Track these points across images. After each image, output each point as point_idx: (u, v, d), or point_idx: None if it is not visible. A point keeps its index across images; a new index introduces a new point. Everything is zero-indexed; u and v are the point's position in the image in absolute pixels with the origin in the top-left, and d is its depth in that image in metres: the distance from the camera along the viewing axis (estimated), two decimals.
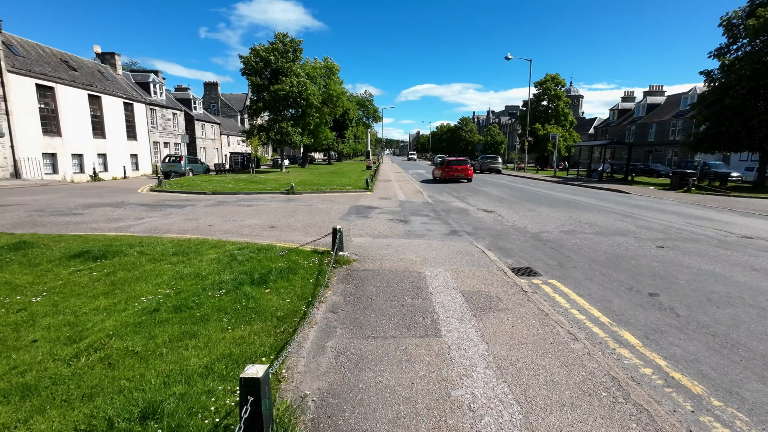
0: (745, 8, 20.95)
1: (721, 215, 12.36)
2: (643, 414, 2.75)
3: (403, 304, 4.66)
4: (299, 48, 34.04)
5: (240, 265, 5.85)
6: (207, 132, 46.20)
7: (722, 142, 21.96)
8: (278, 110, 33.80)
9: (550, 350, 3.62)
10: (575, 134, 46.37)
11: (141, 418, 2.54)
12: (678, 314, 4.67)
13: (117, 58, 34.02)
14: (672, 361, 3.64)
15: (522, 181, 28.25)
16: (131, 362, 3.24)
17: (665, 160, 40.36)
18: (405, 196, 17.02)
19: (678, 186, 21.31)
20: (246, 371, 2.23)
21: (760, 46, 20.05)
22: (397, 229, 9.38)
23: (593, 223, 10.50)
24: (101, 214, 11.48)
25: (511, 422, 2.64)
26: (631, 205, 14.52)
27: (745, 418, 2.87)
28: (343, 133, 59.49)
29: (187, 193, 17.47)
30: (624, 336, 4.14)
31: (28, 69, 22.55)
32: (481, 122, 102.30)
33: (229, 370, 3.09)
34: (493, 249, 7.64)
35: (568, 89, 58.71)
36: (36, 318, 4.11)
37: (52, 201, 14.25)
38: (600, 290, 5.49)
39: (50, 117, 24.04)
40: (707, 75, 22.40)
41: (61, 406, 2.70)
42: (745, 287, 5.57)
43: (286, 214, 11.49)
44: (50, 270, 5.68)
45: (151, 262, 6.07)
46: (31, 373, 3.08)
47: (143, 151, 33.29)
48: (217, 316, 4.09)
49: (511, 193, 18.56)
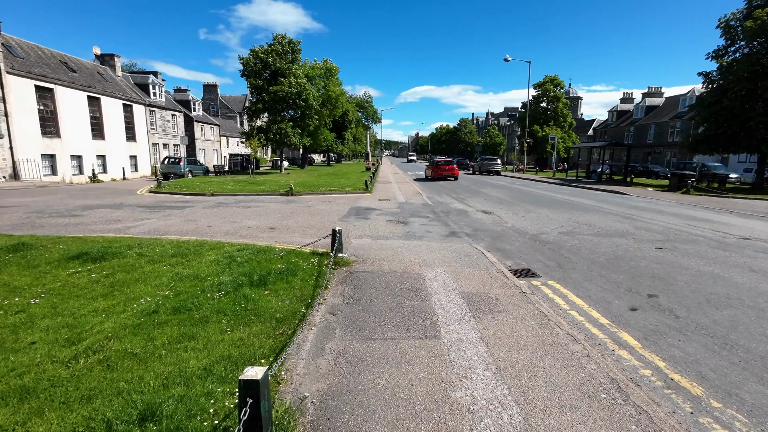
0: (743, 10, 21.05)
1: (720, 216, 12.39)
2: (643, 415, 2.75)
3: (402, 305, 4.66)
4: (298, 49, 34.10)
5: (239, 266, 5.84)
6: (206, 133, 46.21)
7: (721, 143, 22.02)
8: (277, 111, 33.82)
9: (549, 352, 3.62)
10: (574, 136, 46.46)
11: (140, 420, 2.53)
12: (677, 315, 4.67)
13: (116, 59, 34.03)
14: (671, 363, 3.64)
15: (521, 182, 28.28)
16: (130, 364, 3.23)
17: (664, 162, 40.44)
18: (404, 197, 17.03)
19: (677, 187, 21.36)
20: (245, 373, 2.22)
21: (757, 48, 20.13)
22: (396, 230, 9.38)
23: (592, 225, 10.52)
24: (100, 215, 11.47)
25: (510, 424, 2.64)
26: (630, 207, 14.54)
27: (745, 420, 2.87)
28: (343, 135, 59.54)
29: (187, 194, 17.46)
30: (623, 337, 4.14)
31: (28, 70, 22.55)
32: (480, 124, 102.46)
33: (228, 372, 3.09)
34: (493, 250, 7.64)
35: (567, 91, 58.82)
36: (35, 320, 4.10)
37: (51, 202, 14.23)
38: (599, 291, 5.49)
39: (49, 118, 24.03)
40: (705, 76, 22.47)
41: (60, 408, 2.69)
42: (744, 288, 5.58)
43: (285, 216, 11.48)
44: (49, 271, 5.67)
45: (150, 263, 6.06)
46: (29, 375, 3.08)
47: (142, 152, 33.27)
48: (216, 318, 4.08)
49: (510, 195, 18.58)
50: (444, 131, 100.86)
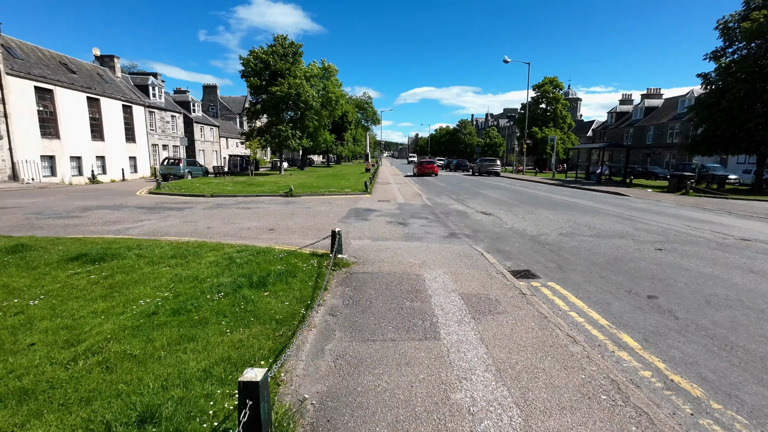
0: (741, 12, 21.11)
1: (719, 218, 12.40)
2: (643, 417, 2.74)
3: (402, 306, 4.65)
4: (299, 51, 34.06)
5: (239, 267, 5.83)
6: (206, 134, 46.21)
7: (719, 144, 22.05)
8: (277, 112, 33.83)
9: (549, 353, 3.61)
10: (573, 137, 46.53)
11: (139, 422, 2.52)
12: (677, 317, 4.67)
13: (116, 60, 34.04)
14: (671, 364, 3.64)
15: (520, 183, 28.30)
16: (129, 366, 3.22)
17: (663, 163, 40.50)
18: (404, 198, 17.03)
19: (676, 188, 21.39)
20: (245, 375, 2.22)
21: (755, 50, 20.19)
22: (396, 231, 9.38)
23: (592, 226, 10.52)
24: (99, 216, 11.45)
25: (510, 426, 2.63)
26: (629, 208, 14.55)
27: (745, 421, 2.87)
28: (342, 136, 59.56)
29: (186, 195, 17.44)
30: (623, 338, 4.14)
31: (27, 71, 22.54)
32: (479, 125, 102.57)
33: (228, 374, 3.08)
34: (492, 252, 7.65)
35: (566, 92, 58.94)
36: (33, 321, 4.09)
37: (50, 203, 14.22)
38: (599, 293, 5.49)
39: (49, 119, 24.02)
40: (704, 78, 22.52)
41: (59, 410, 2.68)
42: (744, 290, 5.58)
43: (284, 217, 11.48)
44: (48, 273, 5.66)
45: (150, 265, 6.05)
46: (28, 377, 3.07)
47: (142, 153, 33.26)
48: (215, 320, 4.08)
49: (509, 196, 18.59)
50: (443, 132, 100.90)
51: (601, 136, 53.06)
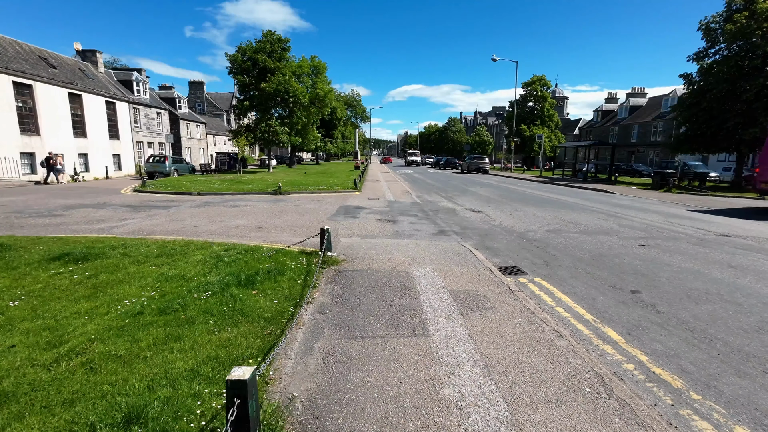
0: (723, 13, 21.62)
1: (700, 214, 12.72)
2: (626, 408, 2.81)
3: (391, 303, 4.67)
4: (287, 47, 33.78)
5: (226, 266, 5.78)
6: (192, 131, 45.49)
7: (701, 143, 22.61)
8: (266, 109, 33.48)
9: (535, 348, 3.67)
10: (560, 135, 47.16)
11: (124, 423, 2.49)
12: (659, 311, 4.79)
13: (98, 55, 33.22)
14: (653, 357, 3.73)
15: (509, 181, 28.59)
16: (114, 366, 3.17)
17: (647, 161, 41.33)
18: (393, 196, 17.05)
19: (659, 186, 21.86)
20: (232, 373, 2.20)
21: (736, 51, 20.69)
22: (385, 229, 9.39)
23: (578, 223, 10.69)
24: (82, 215, 11.20)
25: (497, 419, 2.67)
26: (614, 205, 14.83)
27: (722, 411, 2.96)
28: (332, 133, 59.26)
29: (172, 193, 17.17)
30: (607, 333, 4.23)
31: (5, 66, 21.85)
32: (468, 123, 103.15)
33: (216, 373, 3.06)
34: (481, 248, 7.72)
35: (554, 90, 59.60)
36: (14, 322, 3.99)
37: (31, 202, 13.85)
38: (584, 288, 5.59)
39: (28, 116, 23.35)
40: (687, 78, 23.03)
41: (41, 412, 2.63)
42: (723, 284, 5.75)
43: (273, 215, 11.39)
44: (29, 273, 5.52)
45: (135, 264, 5.95)
46: (8, 380, 2.99)
47: (126, 150, 32.59)
48: (203, 319, 4.03)
49: (498, 193, 18.76)
50: (433, 130, 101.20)
51: (587, 134, 53.88)
